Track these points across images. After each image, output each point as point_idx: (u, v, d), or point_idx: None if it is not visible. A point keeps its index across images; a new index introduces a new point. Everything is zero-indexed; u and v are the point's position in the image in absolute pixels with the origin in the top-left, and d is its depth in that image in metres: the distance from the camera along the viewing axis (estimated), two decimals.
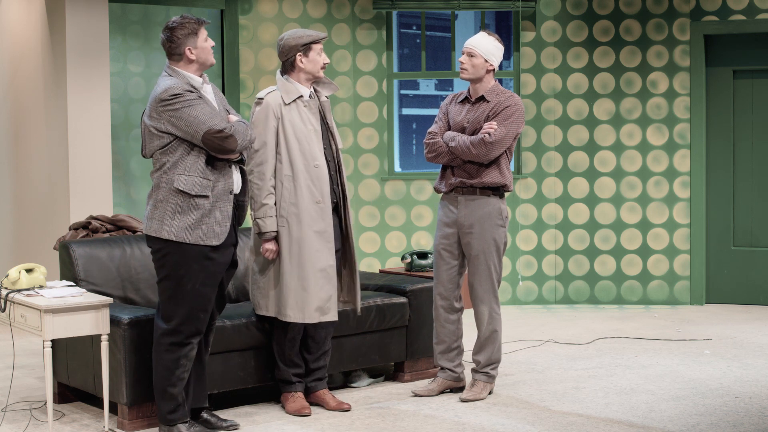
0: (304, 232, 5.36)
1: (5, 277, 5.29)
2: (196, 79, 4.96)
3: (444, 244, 5.78)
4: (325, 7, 8.69)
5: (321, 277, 5.38)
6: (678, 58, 8.66)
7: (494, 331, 5.74)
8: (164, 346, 4.95)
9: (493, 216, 5.69)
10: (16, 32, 8.35)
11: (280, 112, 5.40)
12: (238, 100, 8.56)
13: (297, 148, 5.38)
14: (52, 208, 7.83)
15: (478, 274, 5.70)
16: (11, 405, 5.69)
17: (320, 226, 5.39)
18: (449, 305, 5.80)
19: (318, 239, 5.38)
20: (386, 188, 8.82)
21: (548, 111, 8.80)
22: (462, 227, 5.71)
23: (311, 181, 5.38)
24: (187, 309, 4.92)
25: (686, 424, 5.25)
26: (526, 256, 8.84)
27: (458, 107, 5.80)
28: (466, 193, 5.70)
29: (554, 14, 8.76)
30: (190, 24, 4.95)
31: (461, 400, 5.70)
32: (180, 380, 4.98)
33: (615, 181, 8.77)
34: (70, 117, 7.53)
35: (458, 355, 5.86)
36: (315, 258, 5.37)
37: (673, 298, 8.76)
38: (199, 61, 4.97)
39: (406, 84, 16.57)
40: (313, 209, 5.38)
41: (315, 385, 5.62)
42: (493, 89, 5.71)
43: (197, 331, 4.97)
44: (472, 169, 5.68)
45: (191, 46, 4.94)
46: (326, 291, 5.39)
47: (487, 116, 5.67)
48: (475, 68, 5.67)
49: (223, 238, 4.92)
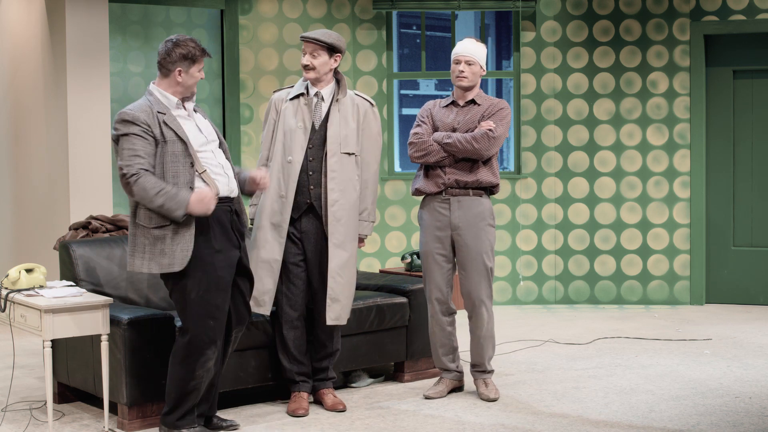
0: (262, 221, 5.46)
1: (5, 277, 5.29)
2: (171, 99, 4.93)
3: (437, 248, 5.74)
4: (325, 7, 8.69)
5: (263, 267, 5.41)
6: (678, 58, 8.66)
7: (491, 329, 5.79)
8: (179, 358, 4.93)
9: (486, 216, 5.70)
10: (16, 32, 8.35)
11: (280, 108, 5.55)
12: (238, 100, 8.56)
13: (281, 141, 5.47)
14: (52, 208, 7.83)
15: (476, 275, 5.69)
16: (11, 405, 5.69)
17: (277, 219, 5.44)
18: (446, 309, 5.80)
19: (271, 231, 5.43)
20: (386, 188, 8.82)
21: (548, 111, 8.80)
22: (456, 228, 5.70)
23: (282, 174, 5.44)
24: (195, 317, 4.88)
25: (686, 424, 5.25)
26: (526, 256, 8.84)
27: (444, 111, 5.81)
28: (459, 194, 5.70)
29: (554, 14, 8.76)
30: (193, 49, 4.91)
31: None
32: (196, 390, 4.94)
33: (615, 181, 8.77)
34: (70, 117, 7.53)
35: (458, 356, 5.89)
36: (262, 248, 5.43)
37: (673, 298, 8.76)
38: (183, 86, 4.94)
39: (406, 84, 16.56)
40: (275, 202, 5.44)
41: (317, 384, 5.64)
42: (480, 94, 5.79)
43: (211, 341, 4.91)
44: (466, 167, 5.67)
45: (183, 69, 4.90)
46: (265, 284, 5.41)
47: (481, 116, 5.70)
48: (474, 75, 5.73)
49: (185, 263, 4.84)
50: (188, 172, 4.86)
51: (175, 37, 4.93)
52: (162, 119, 4.85)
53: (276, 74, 8.62)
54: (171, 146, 4.85)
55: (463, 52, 5.72)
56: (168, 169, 4.84)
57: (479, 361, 5.80)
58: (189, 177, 4.86)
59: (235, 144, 8.52)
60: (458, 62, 5.73)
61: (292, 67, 8.59)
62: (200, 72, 4.95)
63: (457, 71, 5.72)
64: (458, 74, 5.72)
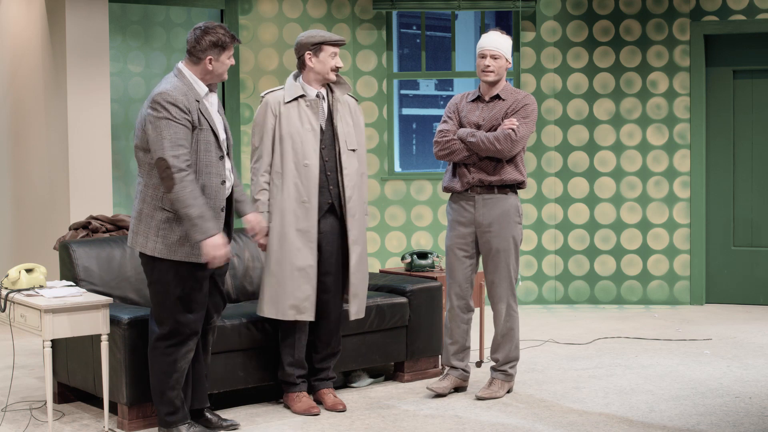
0: (286, 229, 5.37)
1: (5, 277, 5.29)
2: (202, 87, 4.87)
3: (459, 243, 5.75)
4: (325, 7, 8.69)
5: (299, 276, 5.38)
6: (678, 58, 8.66)
7: (511, 329, 5.74)
8: (159, 350, 4.92)
9: (511, 213, 5.68)
10: (16, 32, 8.35)
11: (278, 110, 5.43)
12: (238, 100, 8.56)
13: (290, 146, 5.39)
14: (52, 208, 7.83)
15: (497, 273, 5.69)
16: (11, 405, 5.69)
17: (304, 225, 5.39)
18: (465, 305, 5.79)
19: (300, 238, 5.38)
20: (386, 188, 8.82)
21: (548, 111, 8.80)
22: (481, 226, 5.69)
23: (299, 179, 5.38)
24: (178, 313, 4.88)
25: (686, 424, 5.25)
26: (526, 256, 8.83)
27: (470, 106, 5.75)
28: (483, 192, 5.68)
29: (554, 14, 8.76)
30: (223, 36, 4.85)
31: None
32: (177, 383, 4.95)
33: (615, 181, 8.77)
34: (70, 117, 7.53)
35: (468, 355, 5.88)
36: (294, 256, 5.37)
37: (673, 298, 8.76)
38: (213, 74, 4.89)
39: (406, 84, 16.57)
40: (297, 208, 5.38)
41: (317, 384, 5.63)
42: (506, 87, 5.70)
43: (192, 333, 4.93)
44: (490, 167, 5.64)
45: (214, 57, 4.85)
46: (304, 291, 5.39)
47: (505, 113, 5.64)
48: (500, 69, 5.66)
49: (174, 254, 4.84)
50: (219, 165, 4.86)
51: (204, 24, 4.87)
52: (197, 106, 4.81)
53: (276, 74, 8.62)
54: (205, 134, 4.81)
55: (489, 45, 5.63)
56: (201, 158, 4.80)
57: (494, 358, 5.79)
58: (219, 170, 4.85)
59: (235, 144, 8.52)
60: (484, 56, 5.64)
61: (292, 67, 8.59)
62: (230, 59, 4.91)
63: (483, 65, 5.65)
64: (484, 68, 5.65)
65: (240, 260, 6.14)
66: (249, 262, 6.19)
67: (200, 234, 4.71)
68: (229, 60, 4.91)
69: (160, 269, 4.87)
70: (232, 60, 4.93)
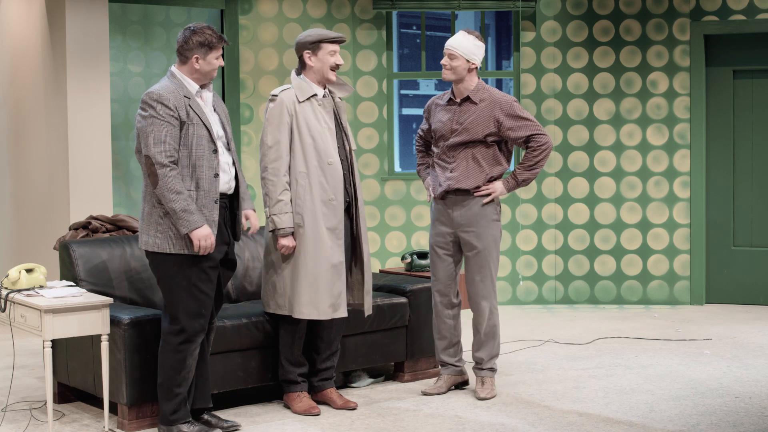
0: (318, 228, 5.38)
1: (5, 277, 5.29)
2: (192, 85, 4.98)
3: (440, 242, 5.79)
4: (325, 7, 8.69)
5: (333, 273, 5.41)
6: (678, 58, 8.66)
7: (494, 326, 5.78)
8: (171, 345, 4.97)
9: (488, 212, 5.70)
10: (16, 32, 8.35)
11: (294, 110, 5.40)
12: (238, 100, 8.56)
13: (311, 145, 5.38)
14: (52, 208, 7.83)
15: (479, 272, 5.71)
16: (11, 405, 5.69)
17: (332, 223, 5.41)
18: (448, 301, 5.82)
19: (330, 236, 5.40)
20: (386, 188, 8.82)
21: (548, 111, 8.80)
22: (460, 226, 5.72)
23: (324, 178, 5.39)
24: (188, 307, 4.94)
25: (686, 424, 5.25)
26: (526, 256, 8.84)
27: (441, 108, 5.79)
28: (458, 194, 5.72)
29: (554, 14, 8.76)
30: (210, 36, 4.97)
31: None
32: (185, 380, 5.00)
33: (615, 181, 8.77)
34: (70, 117, 7.53)
35: (459, 351, 5.90)
36: (328, 254, 5.39)
37: (673, 298, 8.76)
38: (201, 72, 4.99)
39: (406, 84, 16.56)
40: (325, 206, 5.39)
41: (321, 384, 5.63)
42: (476, 88, 5.70)
43: (201, 329, 4.99)
44: (462, 174, 5.69)
45: (200, 56, 4.95)
46: (337, 287, 5.42)
47: (477, 116, 5.64)
48: (457, 69, 5.67)
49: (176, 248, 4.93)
50: (212, 158, 4.93)
51: (193, 25, 5.00)
52: (187, 103, 4.92)
53: (276, 74, 8.62)
54: (196, 129, 4.91)
55: (448, 44, 5.68)
56: (193, 152, 4.90)
57: (478, 357, 5.80)
58: (211, 163, 4.92)
59: (235, 144, 8.52)
60: (444, 55, 5.72)
61: (291, 67, 8.59)
62: (218, 59, 5.01)
63: (442, 65, 5.72)
64: (443, 68, 5.72)
65: (240, 260, 6.14)
66: (249, 262, 6.19)
67: (185, 227, 4.84)
68: (216, 60, 5.01)
69: (165, 263, 4.94)
70: (220, 60, 5.03)
